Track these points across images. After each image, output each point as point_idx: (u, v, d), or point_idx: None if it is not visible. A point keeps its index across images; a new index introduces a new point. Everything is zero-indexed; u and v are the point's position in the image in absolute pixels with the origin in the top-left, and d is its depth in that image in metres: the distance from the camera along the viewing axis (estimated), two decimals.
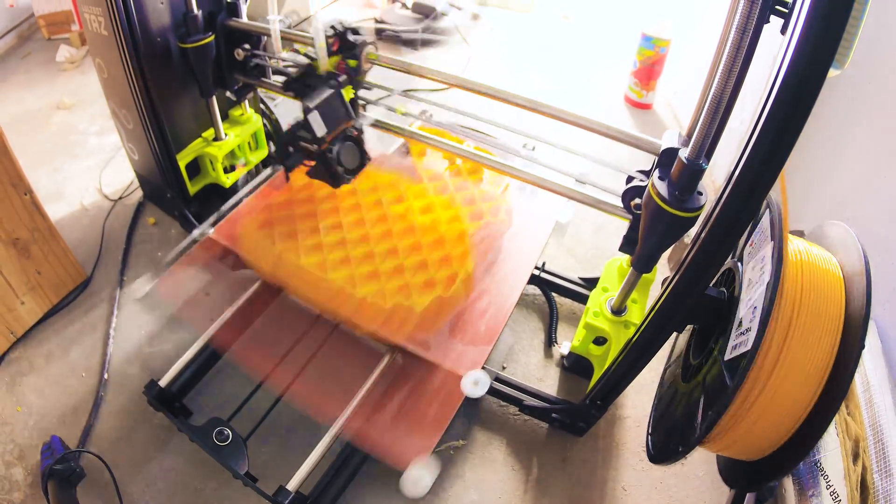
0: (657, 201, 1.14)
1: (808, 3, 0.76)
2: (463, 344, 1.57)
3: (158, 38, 1.77)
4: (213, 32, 1.84)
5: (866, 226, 1.55)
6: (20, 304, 1.79)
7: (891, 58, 1.58)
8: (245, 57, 1.93)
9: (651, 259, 1.34)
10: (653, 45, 2.78)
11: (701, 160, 1.06)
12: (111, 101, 1.97)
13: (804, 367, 1.00)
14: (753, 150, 0.88)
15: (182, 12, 1.76)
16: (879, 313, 1.41)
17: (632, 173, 1.40)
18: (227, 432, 1.41)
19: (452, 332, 1.61)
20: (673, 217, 1.13)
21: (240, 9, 1.87)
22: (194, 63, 1.84)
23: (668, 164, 1.18)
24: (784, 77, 0.80)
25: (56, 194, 2.36)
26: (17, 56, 3.27)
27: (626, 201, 1.39)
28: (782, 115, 0.83)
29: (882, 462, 1.17)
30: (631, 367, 1.36)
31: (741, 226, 1.00)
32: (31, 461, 1.55)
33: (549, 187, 1.51)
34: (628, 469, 1.60)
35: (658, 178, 1.17)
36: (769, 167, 0.89)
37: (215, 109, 2.03)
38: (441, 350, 1.55)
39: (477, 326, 1.62)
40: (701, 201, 1.12)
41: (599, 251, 2.20)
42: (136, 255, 2.12)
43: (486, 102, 1.50)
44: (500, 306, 1.67)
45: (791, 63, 0.79)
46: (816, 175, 1.93)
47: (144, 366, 1.76)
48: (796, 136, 0.84)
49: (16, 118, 2.77)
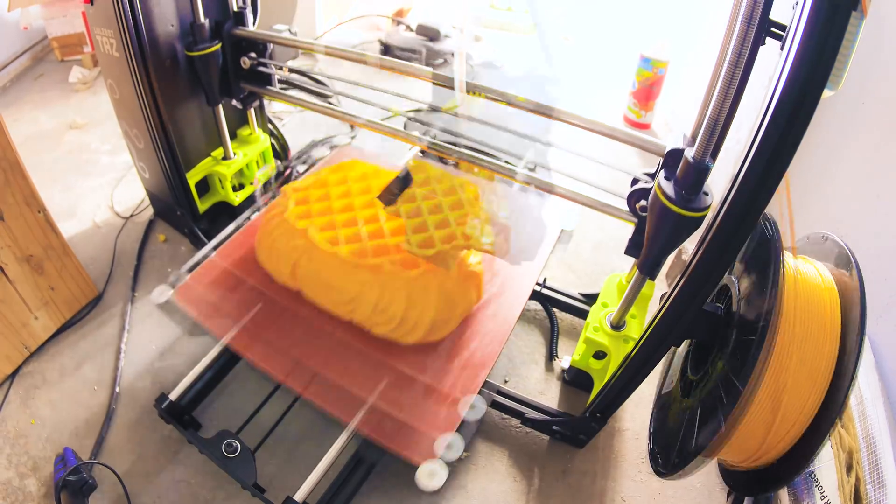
0: (663, 201, 1.13)
1: (803, 25, 0.78)
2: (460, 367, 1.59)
3: (168, 59, 1.81)
4: (220, 41, 1.86)
5: (859, 241, 1.56)
6: (34, 320, 1.82)
7: (884, 79, 1.62)
8: (251, 65, 1.95)
9: (657, 262, 1.32)
10: (651, 66, 2.84)
11: (707, 160, 1.06)
12: (122, 120, 2.01)
13: (801, 384, 1.02)
14: (749, 168, 0.90)
15: (189, 21, 1.78)
16: (872, 328, 1.43)
17: (637, 175, 1.39)
18: (236, 444, 1.44)
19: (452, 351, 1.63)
20: (679, 217, 1.12)
21: (246, 18, 1.89)
22: (200, 71, 1.86)
23: (673, 165, 1.17)
24: (779, 98, 0.82)
25: (69, 212, 2.40)
26: (31, 77, 3.33)
27: (632, 203, 1.37)
28: (778, 135, 0.85)
29: (875, 473, 1.19)
30: (630, 381, 1.38)
31: (738, 243, 1.01)
32: (44, 473, 1.58)
33: (554, 191, 1.52)
34: (627, 480, 1.62)
35: (664, 178, 1.16)
36: (765, 186, 0.91)
37: (224, 128, 2.07)
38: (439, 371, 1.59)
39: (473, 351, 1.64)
40: (707, 201, 1.12)
41: (599, 267, 2.24)
42: (147, 271, 2.16)
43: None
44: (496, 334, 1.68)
45: (786, 84, 0.81)
46: (810, 192, 1.96)
47: (155, 380, 1.79)
48: (791, 156, 0.86)
49: (30, 137, 2.83)
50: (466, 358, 1.61)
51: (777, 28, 0.93)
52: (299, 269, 1.68)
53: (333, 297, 1.65)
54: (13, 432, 1.66)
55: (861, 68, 1.42)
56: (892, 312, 1.40)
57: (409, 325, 1.58)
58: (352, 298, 1.61)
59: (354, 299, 1.61)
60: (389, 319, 1.58)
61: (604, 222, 2.39)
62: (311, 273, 1.67)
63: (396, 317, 1.57)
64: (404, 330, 1.59)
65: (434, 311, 1.58)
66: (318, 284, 1.67)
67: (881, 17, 1.53)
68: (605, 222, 2.38)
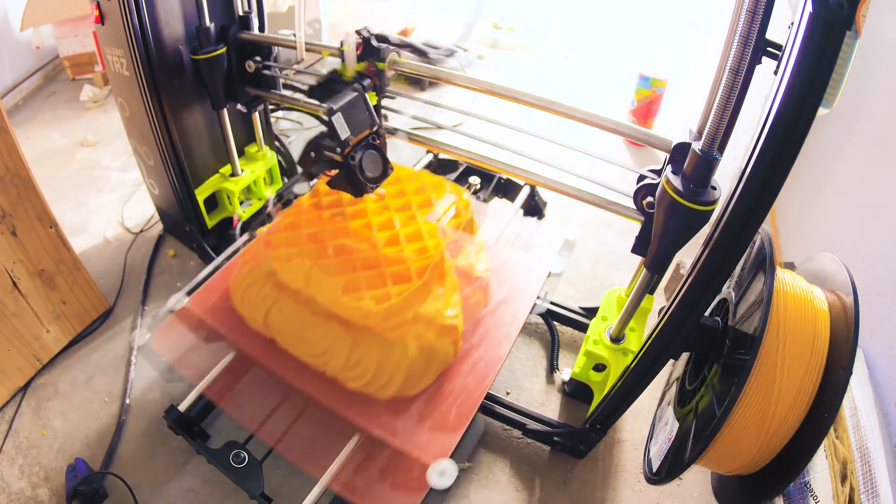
0: (671, 194, 1.11)
1: (798, 45, 0.80)
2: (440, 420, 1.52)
3: (177, 77, 1.85)
4: (225, 45, 1.88)
5: (853, 256, 1.59)
6: (46, 333, 1.86)
7: (878, 96, 1.65)
8: (256, 69, 1.95)
9: (665, 259, 1.30)
10: (650, 84, 2.90)
11: (714, 152, 1.05)
12: (133, 138, 2.05)
13: (791, 395, 1.04)
14: (746, 184, 0.92)
15: (195, 25, 1.81)
16: (867, 341, 1.45)
17: (643, 172, 1.37)
18: (244, 455, 1.47)
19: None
20: (688, 210, 1.11)
21: (251, 22, 1.90)
22: (206, 74, 1.88)
23: (680, 159, 1.17)
24: (775, 116, 0.84)
25: (80, 227, 2.45)
26: (43, 95, 3.41)
27: (638, 200, 1.36)
28: (774, 152, 0.87)
29: (869, 483, 1.21)
30: (629, 393, 1.40)
31: (735, 256, 1.03)
32: (56, 482, 1.61)
33: (559, 189, 1.52)
34: (626, 490, 1.65)
35: (671, 172, 1.14)
36: (761, 201, 0.93)
37: (231, 145, 2.11)
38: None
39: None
40: (715, 195, 1.10)
41: (599, 282, 2.27)
42: (157, 285, 2.20)
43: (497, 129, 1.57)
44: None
45: (782, 102, 0.83)
46: (806, 208, 1.99)
47: (164, 391, 1.83)
48: (787, 172, 0.88)
49: (42, 154, 2.88)
50: (438, 420, 1.51)
51: (773, 47, 0.95)
52: (271, 318, 1.61)
53: (306, 349, 1.58)
54: (26, 443, 1.70)
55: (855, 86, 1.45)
56: (885, 326, 1.42)
57: (383, 381, 1.50)
58: (323, 351, 1.54)
59: (326, 352, 1.54)
60: (361, 374, 1.50)
61: (604, 237, 2.43)
62: (283, 323, 1.60)
63: (369, 372, 1.49)
64: (377, 386, 1.50)
65: (408, 367, 1.49)
66: (290, 335, 1.60)
67: (875, 35, 1.57)
68: (604, 237, 2.42)
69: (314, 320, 1.55)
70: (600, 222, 2.51)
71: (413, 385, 1.53)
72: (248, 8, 1.92)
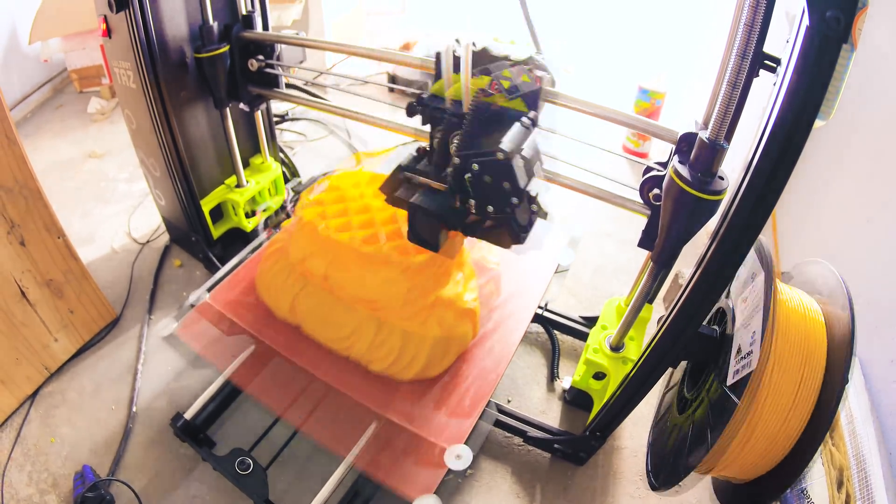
0: (679, 184, 1.09)
1: (795, 59, 0.81)
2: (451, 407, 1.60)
3: (183, 90, 1.87)
4: (228, 43, 1.87)
5: (850, 264, 1.60)
6: (54, 342, 1.88)
7: (874, 108, 1.67)
8: (259, 68, 1.94)
9: (673, 252, 1.27)
10: (649, 97, 2.94)
11: (721, 140, 1.03)
12: (139, 150, 2.08)
13: (788, 403, 1.06)
14: (744, 195, 0.94)
15: (199, 25, 1.81)
16: (862, 349, 1.46)
17: (650, 164, 1.32)
18: (249, 461, 1.49)
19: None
20: (696, 200, 1.08)
21: (254, 21, 1.90)
22: (208, 73, 1.88)
23: (687, 150, 1.15)
24: (773, 128, 0.86)
25: (88, 238, 2.48)
26: (51, 107, 3.44)
27: (644, 193, 1.31)
28: (771, 163, 0.88)
29: (865, 490, 1.23)
30: (628, 401, 1.42)
31: (733, 265, 1.05)
32: (63, 489, 1.63)
33: (563, 182, 1.48)
34: (626, 496, 1.66)
35: (678, 162, 1.12)
36: (759, 211, 0.94)
37: (237, 157, 2.13)
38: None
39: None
40: (723, 185, 1.08)
41: (598, 291, 2.30)
42: (163, 295, 2.23)
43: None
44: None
45: (779, 115, 0.85)
46: (802, 218, 2.01)
47: (171, 400, 1.85)
48: (784, 182, 0.89)
49: (50, 165, 2.91)
50: (454, 406, 1.59)
51: (770, 61, 0.95)
52: (298, 304, 1.70)
53: (331, 333, 1.66)
54: (34, 450, 1.72)
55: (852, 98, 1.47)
56: (881, 334, 1.44)
57: (405, 362, 1.59)
58: (349, 334, 1.63)
59: (351, 335, 1.63)
60: (385, 356, 1.59)
61: (603, 248, 2.46)
62: (310, 308, 1.69)
63: (392, 353, 1.58)
64: (400, 366, 1.60)
65: (430, 348, 1.58)
66: (316, 320, 1.69)
67: (871, 47, 1.58)
68: (604, 248, 2.45)
69: (340, 305, 1.63)
70: (600, 233, 2.54)
71: (434, 366, 1.62)
72: (252, 7, 1.92)
